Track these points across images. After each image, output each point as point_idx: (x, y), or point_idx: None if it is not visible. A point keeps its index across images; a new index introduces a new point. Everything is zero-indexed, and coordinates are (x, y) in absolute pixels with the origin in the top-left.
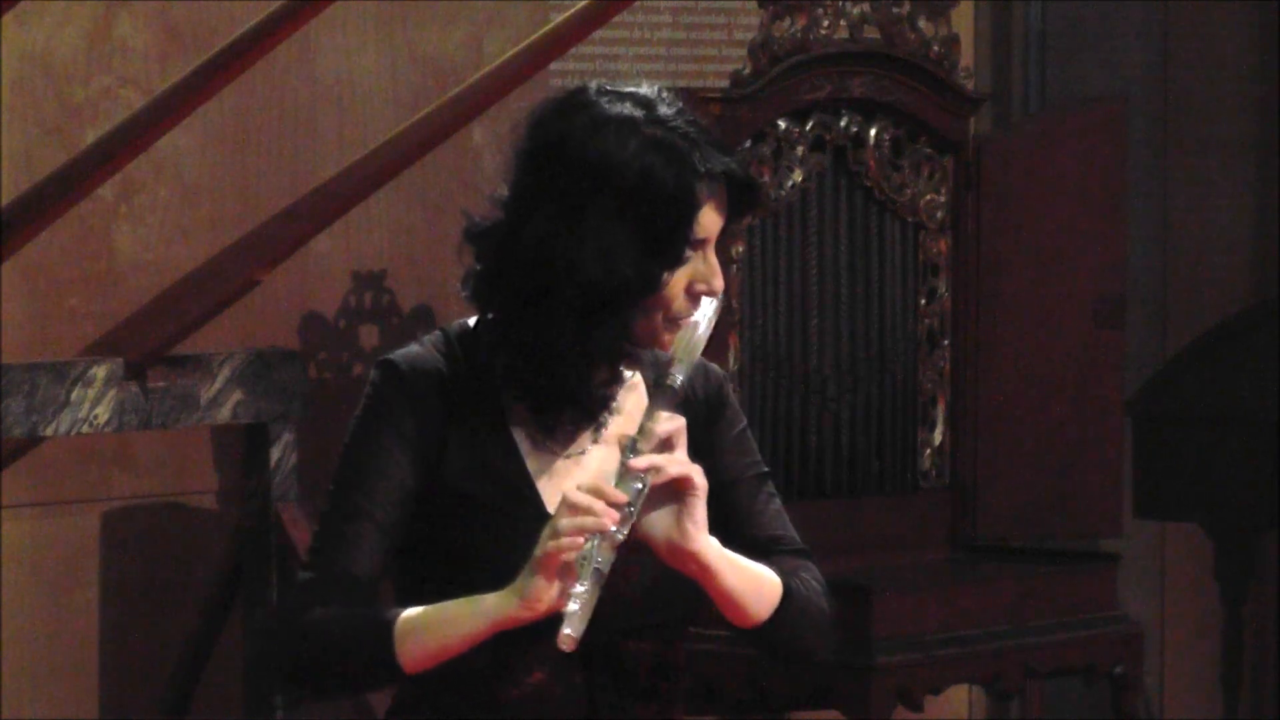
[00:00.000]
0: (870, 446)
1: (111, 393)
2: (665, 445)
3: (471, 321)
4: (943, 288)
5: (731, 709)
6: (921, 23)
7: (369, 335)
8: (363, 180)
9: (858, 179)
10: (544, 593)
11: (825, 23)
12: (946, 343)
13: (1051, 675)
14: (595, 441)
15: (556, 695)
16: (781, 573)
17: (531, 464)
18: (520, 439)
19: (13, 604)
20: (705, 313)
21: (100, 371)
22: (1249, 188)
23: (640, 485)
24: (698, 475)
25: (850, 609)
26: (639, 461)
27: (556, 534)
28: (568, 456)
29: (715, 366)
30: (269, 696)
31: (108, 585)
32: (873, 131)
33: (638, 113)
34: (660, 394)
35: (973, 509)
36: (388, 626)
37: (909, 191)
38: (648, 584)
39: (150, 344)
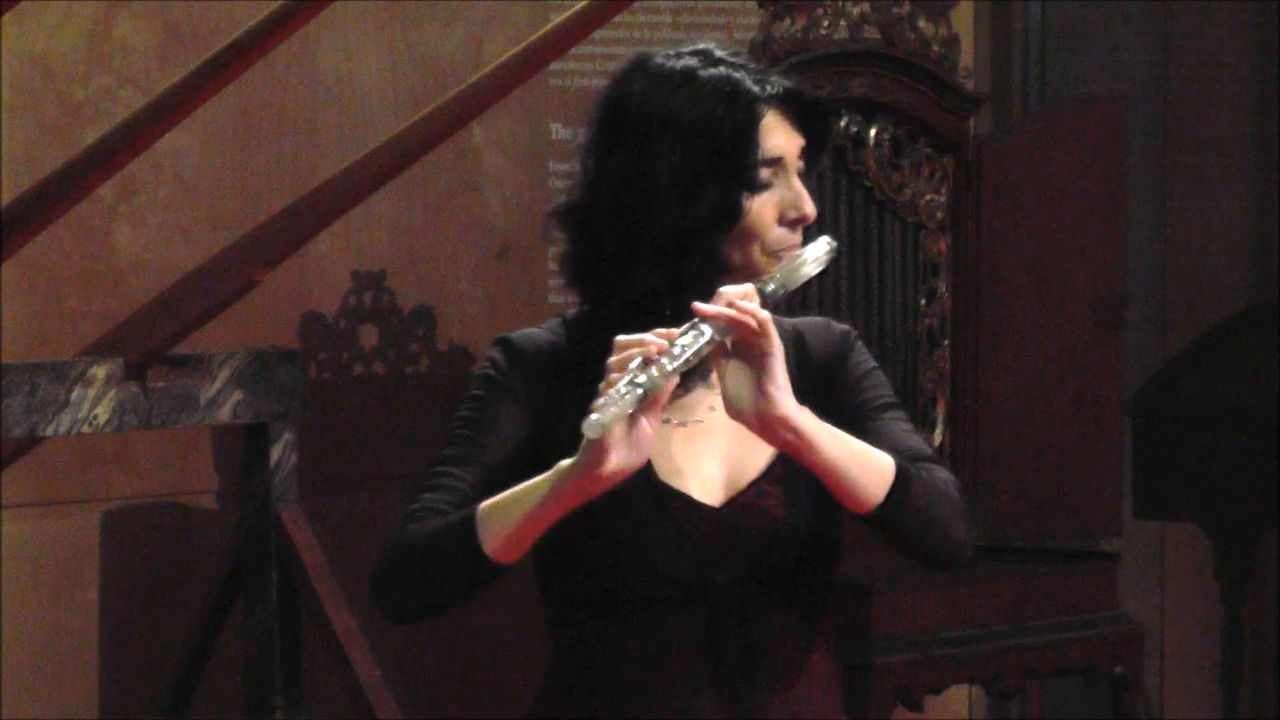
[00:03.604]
0: None
1: (111, 393)
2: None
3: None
4: (943, 288)
5: None
6: (921, 23)
7: (369, 335)
8: (363, 180)
9: (858, 179)
10: (605, 441)
11: (825, 23)
12: (946, 343)
13: (1051, 675)
14: (712, 409)
15: (685, 678)
16: (899, 459)
17: None
18: None
19: (13, 604)
20: (816, 252)
21: (100, 371)
22: (1249, 187)
23: (701, 334)
24: (769, 331)
25: (850, 609)
26: (704, 307)
27: (607, 373)
28: (683, 425)
29: (842, 324)
30: (269, 696)
31: (108, 585)
32: (873, 131)
33: (694, 62)
34: None
35: (973, 509)
36: (470, 514)
37: (909, 191)
38: (790, 514)
39: (150, 344)
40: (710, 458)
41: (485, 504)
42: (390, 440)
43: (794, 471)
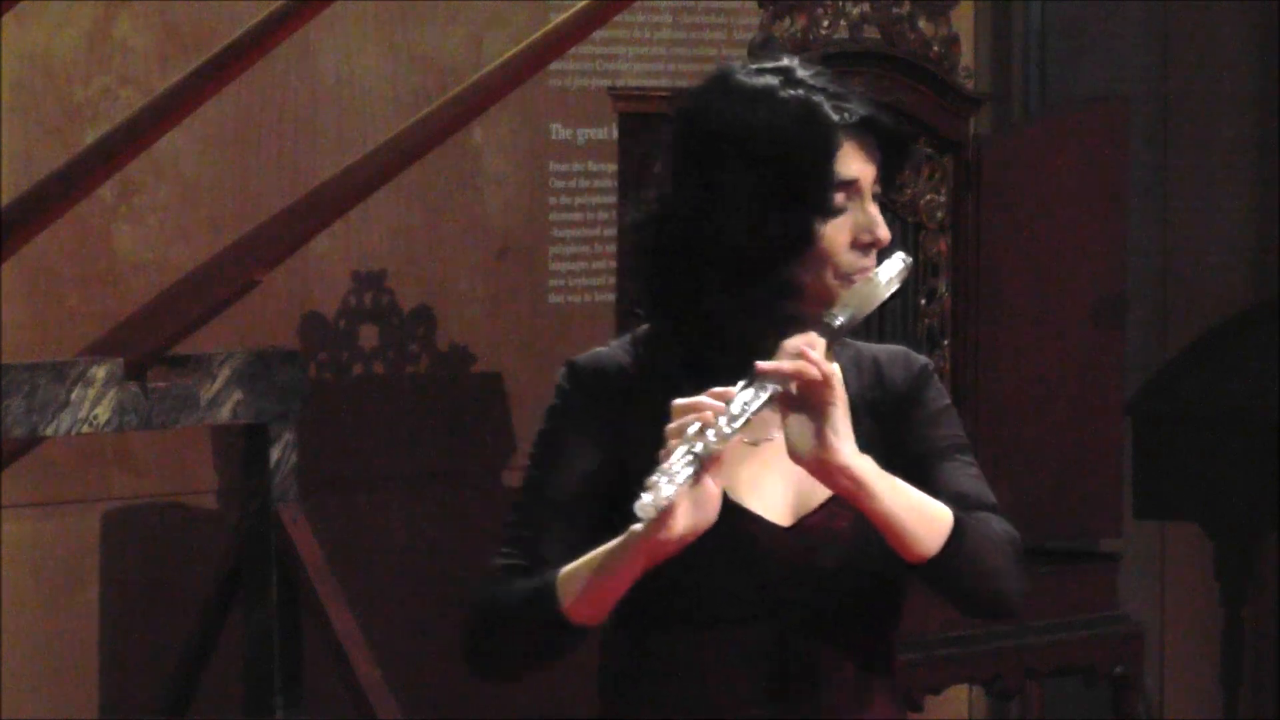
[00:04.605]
0: None
1: (111, 393)
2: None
3: None
4: (943, 288)
5: None
6: (921, 23)
7: (369, 335)
8: (363, 180)
9: None
10: (673, 510)
11: (825, 23)
12: (946, 343)
13: (1051, 675)
14: (780, 428)
15: (752, 697)
16: (956, 511)
17: None
18: None
19: (13, 604)
20: (889, 272)
21: (100, 371)
22: (1249, 188)
23: (764, 388)
24: (833, 382)
25: None
26: (764, 365)
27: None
28: (754, 443)
29: (920, 356)
30: (269, 696)
31: (108, 585)
32: None
33: (774, 81)
34: (816, 330)
35: None
36: (551, 581)
37: (909, 191)
38: (859, 536)
39: (150, 344)
40: (781, 477)
41: (564, 571)
42: (390, 440)
43: None
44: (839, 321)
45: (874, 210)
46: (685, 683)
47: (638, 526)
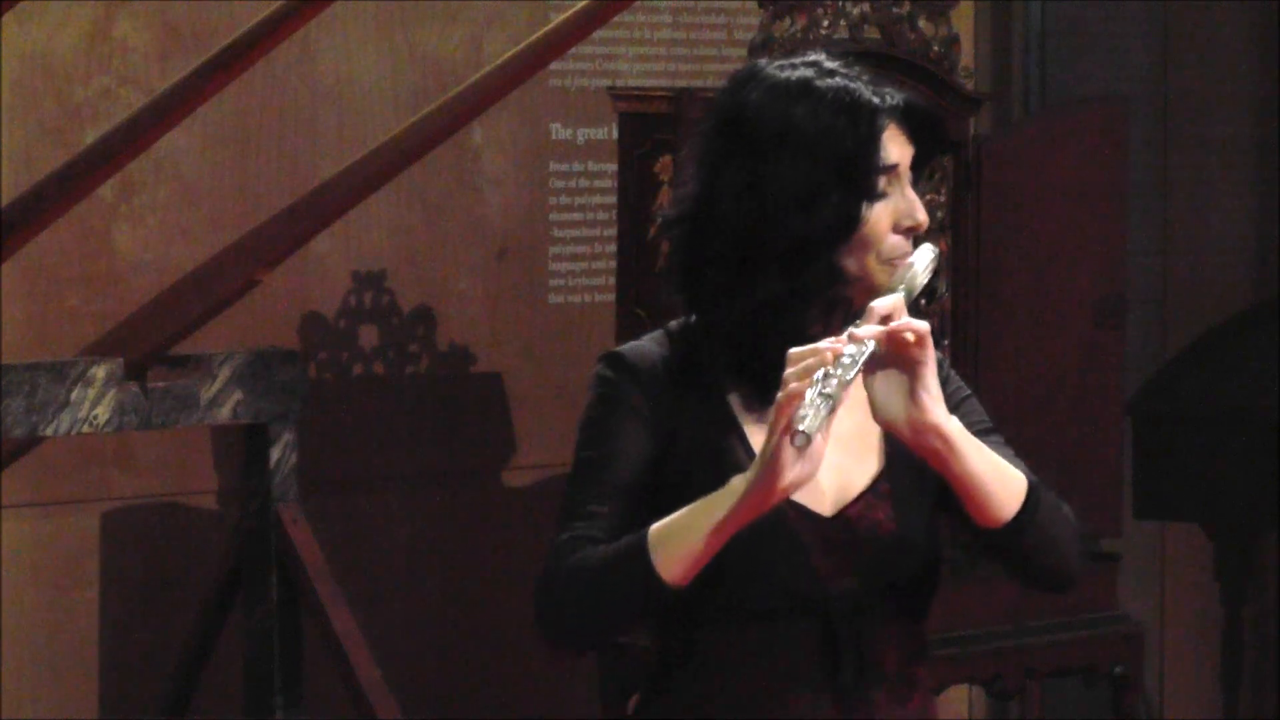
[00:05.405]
0: None
1: (111, 393)
2: (886, 324)
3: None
4: (943, 287)
5: None
6: (921, 23)
7: (369, 335)
8: (363, 180)
9: None
10: (783, 454)
11: (825, 23)
12: (946, 343)
13: (1051, 675)
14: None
15: (801, 688)
16: (1031, 478)
17: (758, 446)
18: (745, 421)
19: (13, 604)
20: (923, 260)
21: (100, 371)
22: (1249, 188)
23: (865, 346)
24: (926, 343)
25: None
26: (861, 330)
27: (785, 386)
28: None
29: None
30: (269, 696)
31: (108, 585)
32: None
33: (809, 72)
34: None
35: None
36: (641, 539)
37: None
38: (898, 527)
39: (150, 344)
40: (821, 466)
41: (655, 528)
42: (390, 440)
43: (899, 486)
44: (903, 295)
45: (913, 195)
46: (729, 677)
47: (737, 480)
